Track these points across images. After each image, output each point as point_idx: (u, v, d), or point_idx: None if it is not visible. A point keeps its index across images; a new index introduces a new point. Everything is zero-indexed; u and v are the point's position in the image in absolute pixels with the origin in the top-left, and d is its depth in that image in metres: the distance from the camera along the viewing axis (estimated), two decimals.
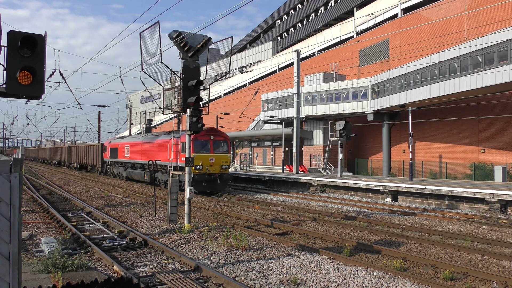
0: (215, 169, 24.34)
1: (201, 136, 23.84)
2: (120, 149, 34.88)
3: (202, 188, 24.01)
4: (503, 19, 30.17)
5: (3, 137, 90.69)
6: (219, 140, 24.97)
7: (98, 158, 42.40)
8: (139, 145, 30.62)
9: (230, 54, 14.51)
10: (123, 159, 33.98)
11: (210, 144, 24.40)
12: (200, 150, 23.83)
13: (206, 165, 23.80)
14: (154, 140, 28.52)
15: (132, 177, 32.37)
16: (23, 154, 5.36)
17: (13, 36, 5.25)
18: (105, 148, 39.36)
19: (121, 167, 35.21)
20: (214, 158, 24.33)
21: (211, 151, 24.30)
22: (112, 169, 38.12)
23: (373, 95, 37.17)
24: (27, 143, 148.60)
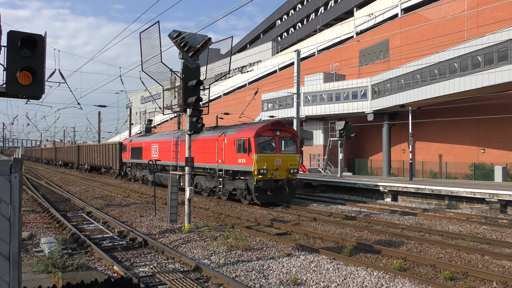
0: (282, 174, 19.51)
1: (265, 132, 19.47)
2: (145, 148, 30.29)
3: (267, 199, 19.29)
4: (503, 19, 30.18)
5: (3, 137, 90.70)
6: (287, 137, 20.38)
7: (115, 159, 37.42)
8: (173, 143, 26.39)
9: (230, 54, 14.50)
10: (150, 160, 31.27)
11: (276, 141, 19.72)
12: (263, 150, 19.25)
13: (271, 169, 19.06)
14: (195, 137, 24.14)
15: (161, 182, 27.39)
16: (23, 154, 5.36)
17: (13, 36, 5.25)
18: (125, 147, 34.50)
19: (146, 170, 30.59)
20: (281, 160, 19.51)
21: (276, 151, 19.62)
22: (133, 172, 33.22)
23: (373, 95, 37.18)
24: (27, 143, 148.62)
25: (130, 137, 36.09)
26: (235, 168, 19.86)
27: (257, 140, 18.98)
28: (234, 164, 19.89)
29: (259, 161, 18.60)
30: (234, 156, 19.83)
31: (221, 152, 20.81)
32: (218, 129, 22.72)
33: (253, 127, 19.58)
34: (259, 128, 19.19)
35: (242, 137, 19.51)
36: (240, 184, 19.81)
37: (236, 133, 20.12)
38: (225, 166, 20.57)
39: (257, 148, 18.83)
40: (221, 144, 20.99)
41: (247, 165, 18.97)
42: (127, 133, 58.01)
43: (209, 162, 21.85)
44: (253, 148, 18.76)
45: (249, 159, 18.82)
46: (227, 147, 20.45)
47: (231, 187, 20.61)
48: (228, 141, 20.51)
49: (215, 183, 21.88)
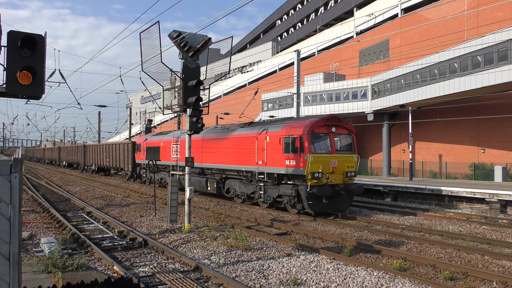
0: (338, 178, 16.71)
1: (319, 128, 16.61)
2: (163, 148, 27.28)
3: (321, 208, 16.49)
4: (503, 19, 30.17)
5: (3, 137, 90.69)
6: (343, 134, 17.54)
7: (127, 159, 34.39)
8: (198, 143, 23.19)
9: (230, 54, 14.50)
10: (168, 162, 26.24)
11: (331, 139, 16.86)
12: (317, 149, 16.38)
13: (326, 172, 16.28)
14: (226, 135, 21.12)
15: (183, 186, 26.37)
16: (23, 154, 5.36)
17: (13, 36, 5.25)
18: (139, 147, 31.26)
19: (164, 172, 27.35)
20: (337, 161, 16.67)
21: (332, 151, 16.75)
22: (149, 174, 30.47)
23: (373, 95, 37.18)
24: (27, 143, 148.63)
25: (145, 135, 32.47)
26: (281, 171, 17.00)
27: (310, 138, 16.17)
28: (279, 166, 17.04)
29: (313, 163, 15.77)
30: (280, 157, 17.04)
31: (262, 152, 18.00)
32: (257, 125, 19.67)
33: (304, 122, 16.94)
34: (313, 123, 16.42)
35: (291, 134, 16.64)
36: (288, 190, 16.73)
37: (282, 129, 17.27)
38: (267, 169, 17.68)
39: (311, 147, 16.03)
40: (261, 143, 18.11)
41: (297, 168, 16.22)
42: (127, 133, 57.97)
43: (246, 163, 19.01)
44: (305, 147, 15.98)
45: (300, 160, 16.13)
46: (270, 147, 17.64)
47: (275, 193, 17.64)
48: (271, 140, 17.60)
49: (253, 188, 18.92)
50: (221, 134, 21.57)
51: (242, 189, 19.82)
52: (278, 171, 17.18)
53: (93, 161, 44.78)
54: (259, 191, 18.59)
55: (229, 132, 20.90)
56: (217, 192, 21.36)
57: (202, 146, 22.69)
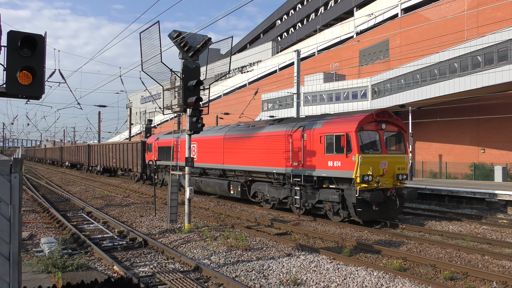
0: (388, 181, 14.75)
1: (369, 124, 14.73)
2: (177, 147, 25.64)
3: (372, 215, 14.50)
4: (503, 19, 30.18)
5: (3, 137, 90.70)
6: (393, 132, 15.63)
7: (136, 160, 32.51)
8: (218, 142, 21.01)
9: (230, 54, 14.51)
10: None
11: (381, 137, 14.97)
12: (365, 149, 14.43)
13: (377, 175, 14.38)
14: (252, 133, 18.96)
15: (202, 189, 22.88)
16: (23, 154, 5.36)
17: (13, 36, 5.25)
18: (150, 146, 29.18)
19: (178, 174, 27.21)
20: (387, 163, 14.79)
21: (382, 151, 14.87)
22: (161, 176, 28.04)
23: (373, 95, 37.19)
24: (27, 143, 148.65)
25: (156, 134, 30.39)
26: (322, 173, 15.09)
27: (359, 136, 14.24)
28: (320, 168, 15.18)
29: (363, 165, 13.89)
30: (321, 158, 15.13)
31: (298, 152, 16.11)
32: (289, 122, 17.72)
33: (351, 118, 15.03)
34: (362, 119, 14.55)
35: (335, 131, 14.76)
36: (331, 195, 14.97)
37: (324, 126, 15.34)
38: (304, 171, 15.81)
39: (360, 146, 14.14)
40: (297, 141, 16.22)
41: (343, 170, 14.37)
42: (127, 133, 57.93)
43: (278, 165, 17.15)
44: (354, 146, 14.09)
45: (347, 161, 14.20)
46: (308, 146, 15.71)
47: (313, 198, 15.74)
48: (310, 138, 15.68)
49: (286, 192, 17.04)
50: (246, 132, 19.46)
51: (273, 194, 17.81)
52: (319, 174, 15.27)
53: (99, 161, 42.98)
54: (294, 196, 16.60)
55: (256, 130, 18.85)
56: (242, 196, 19.51)
57: (224, 146, 20.54)
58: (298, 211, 16.73)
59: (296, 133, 16.40)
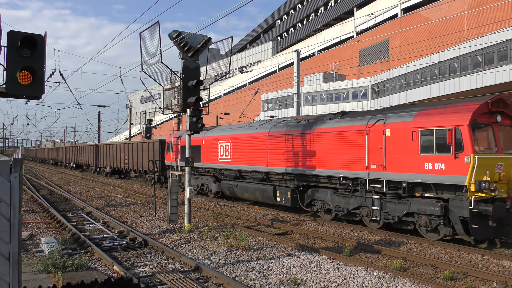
0: (503, 189, 11.59)
1: (482, 116, 11.57)
2: (207, 147, 22.12)
3: (488, 233, 11.31)
4: (503, 19, 30.19)
5: (3, 137, 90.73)
6: (508, 125, 12.33)
7: None
8: (261, 140, 17.98)
9: (230, 54, 14.51)
10: (214, 164, 21.33)
11: (495, 133, 11.81)
12: (480, 148, 11.40)
13: (493, 181, 11.30)
14: (308, 129, 15.82)
15: (238, 195, 19.91)
16: (23, 154, 5.37)
17: (13, 36, 5.25)
18: (170, 146, 26.06)
19: (206, 177, 22.59)
20: (503, 165, 11.60)
21: (498, 150, 11.68)
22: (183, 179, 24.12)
23: (373, 95, 37.20)
24: (27, 143, 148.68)
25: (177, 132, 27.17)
26: (415, 178, 12.02)
27: (472, 130, 11.17)
28: (412, 172, 12.12)
29: (479, 168, 10.85)
30: (414, 159, 12.09)
31: (377, 151, 13.07)
32: (361, 115, 14.60)
33: (459, 107, 11.88)
34: (476, 108, 11.38)
35: (437, 125, 11.68)
36: (428, 206, 11.88)
37: (417, 118, 12.28)
38: (388, 175, 12.74)
39: (474, 144, 11.11)
40: (376, 138, 13.17)
41: (449, 174, 11.30)
42: (127, 133, 57.93)
43: (344, 167, 14.22)
44: (467, 144, 11.06)
45: (456, 163, 11.17)
46: (393, 144, 12.69)
47: (400, 210, 12.52)
48: (395, 133, 12.67)
49: (358, 201, 13.89)
50: (298, 128, 16.33)
51: (338, 203, 14.60)
52: (410, 179, 12.13)
53: (108, 162, 39.64)
54: (370, 207, 13.46)
55: (313, 126, 15.73)
56: (292, 205, 16.42)
57: (269, 145, 17.44)
58: (375, 225, 13.74)
59: (375, 128, 13.25)
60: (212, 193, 22.30)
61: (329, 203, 15.08)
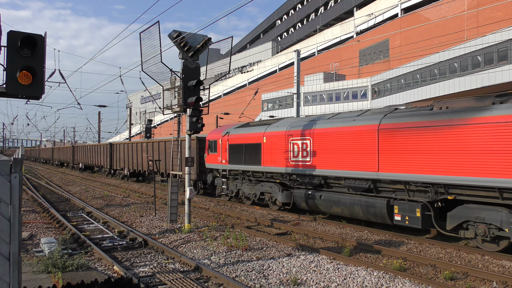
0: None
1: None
2: (268, 145, 17.55)
3: None
4: (503, 19, 30.19)
5: (3, 137, 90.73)
6: None
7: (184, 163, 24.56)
8: (368, 136, 13.34)
9: (230, 54, 14.51)
10: (283, 168, 16.64)
11: None
12: None
13: None
14: (455, 120, 11.11)
15: (322, 208, 15.15)
16: (23, 154, 5.38)
17: (13, 36, 5.25)
18: (213, 144, 21.25)
19: (270, 184, 17.66)
20: None
21: None
22: (232, 185, 20.30)
23: (373, 95, 37.19)
24: (27, 143, 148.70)
25: (224, 127, 22.41)
26: None
27: None
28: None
29: None
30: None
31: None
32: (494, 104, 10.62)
33: None
34: None
35: None
36: None
37: None
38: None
39: None
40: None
41: None
42: (127, 133, 57.86)
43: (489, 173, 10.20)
44: None
45: None
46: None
47: None
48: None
49: None
50: (435, 119, 11.61)
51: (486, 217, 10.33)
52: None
53: (125, 163, 35.06)
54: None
55: (460, 115, 11.07)
56: (423, 227, 11.81)
57: (380, 142, 12.92)
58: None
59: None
60: (276, 204, 17.67)
61: (502, 227, 10.05)
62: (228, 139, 20.30)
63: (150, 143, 30.79)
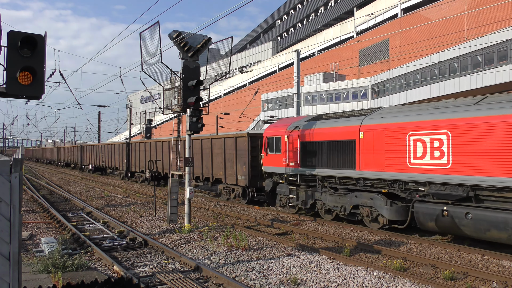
0: None
1: None
2: (368, 143, 13.32)
3: None
4: (503, 19, 30.19)
5: (3, 137, 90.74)
6: None
7: (235, 164, 20.26)
8: None
9: (230, 54, 14.51)
10: (395, 173, 12.52)
11: None
12: None
13: None
14: None
15: (467, 232, 10.88)
16: (23, 154, 5.38)
17: (13, 36, 5.25)
18: (274, 142, 17.41)
19: (370, 195, 13.40)
20: None
21: None
22: (301, 196, 16.11)
23: (373, 95, 37.19)
24: (27, 143, 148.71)
25: (288, 119, 18.29)
26: None
27: None
28: None
29: None
30: None
31: None
32: None
33: None
34: None
35: None
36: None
37: None
38: None
39: None
40: None
41: None
42: (127, 133, 57.85)
43: None
44: None
45: None
46: None
47: None
48: None
49: None
50: None
51: None
52: None
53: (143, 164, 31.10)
54: None
55: None
56: None
57: None
58: None
59: None
60: (378, 221, 13.37)
61: None
62: (298, 135, 16.13)
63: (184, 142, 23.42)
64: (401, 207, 12.66)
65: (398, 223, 12.94)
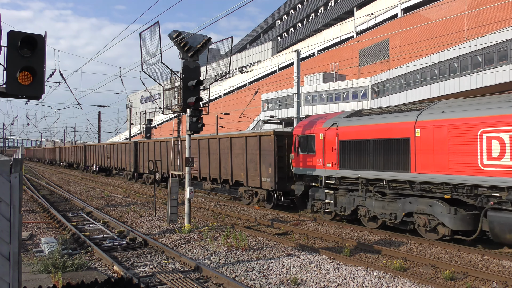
0: None
1: None
2: (426, 141, 11.61)
3: None
4: (503, 19, 30.19)
5: (3, 137, 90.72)
6: None
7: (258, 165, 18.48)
8: None
9: (230, 54, 14.51)
10: (464, 177, 10.74)
11: None
12: None
13: None
14: None
15: None
16: (23, 154, 5.40)
17: (13, 36, 5.25)
18: (305, 141, 16.02)
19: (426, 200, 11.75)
20: None
21: None
22: (345, 199, 14.45)
23: (373, 95, 37.19)
24: (27, 143, 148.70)
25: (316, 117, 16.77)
26: None
27: None
28: None
29: None
30: None
31: None
32: None
33: None
34: None
35: None
36: None
37: None
38: None
39: None
40: None
41: None
42: (127, 133, 57.85)
43: None
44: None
45: None
46: None
47: None
48: None
49: None
50: None
51: None
52: None
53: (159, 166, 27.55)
54: None
55: None
56: None
57: None
58: None
59: None
60: (437, 232, 11.70)
61: None
62: (337, 133, 14.61)
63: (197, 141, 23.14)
64: (467, 215, 10.89)
65: (462, 234, 11.21)
